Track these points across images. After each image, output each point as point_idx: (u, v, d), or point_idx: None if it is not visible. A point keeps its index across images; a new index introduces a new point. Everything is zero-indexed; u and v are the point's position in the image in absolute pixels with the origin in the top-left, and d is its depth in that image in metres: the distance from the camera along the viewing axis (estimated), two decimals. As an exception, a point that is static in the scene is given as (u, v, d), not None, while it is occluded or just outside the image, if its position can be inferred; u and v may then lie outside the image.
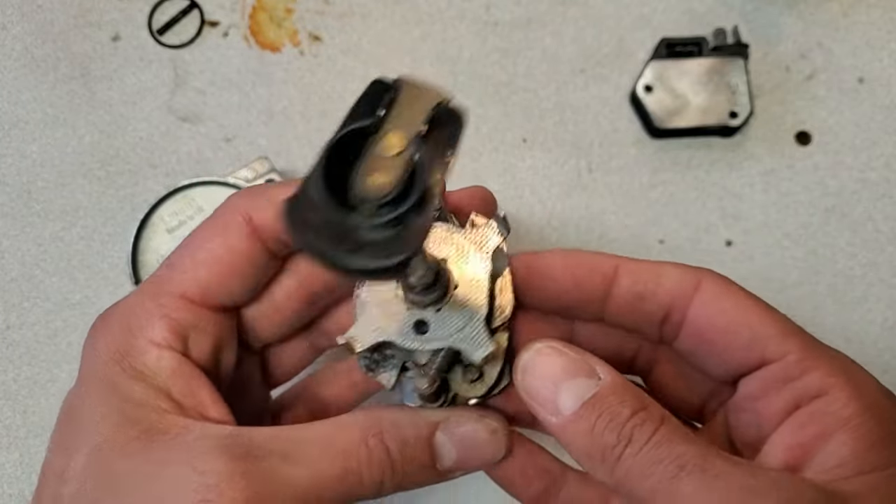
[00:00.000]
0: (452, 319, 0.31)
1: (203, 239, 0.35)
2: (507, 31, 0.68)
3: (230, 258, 0.34)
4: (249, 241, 0.34)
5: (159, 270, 0.35)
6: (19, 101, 0.67)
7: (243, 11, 0.68)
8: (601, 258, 0.34)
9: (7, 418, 0.60)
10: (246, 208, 0.35)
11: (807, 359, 0.30)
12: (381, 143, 0.24)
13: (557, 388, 0.28)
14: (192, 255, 0.35)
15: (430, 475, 0.33)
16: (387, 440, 0.32)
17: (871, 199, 0.64)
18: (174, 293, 0.34)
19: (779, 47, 0.67)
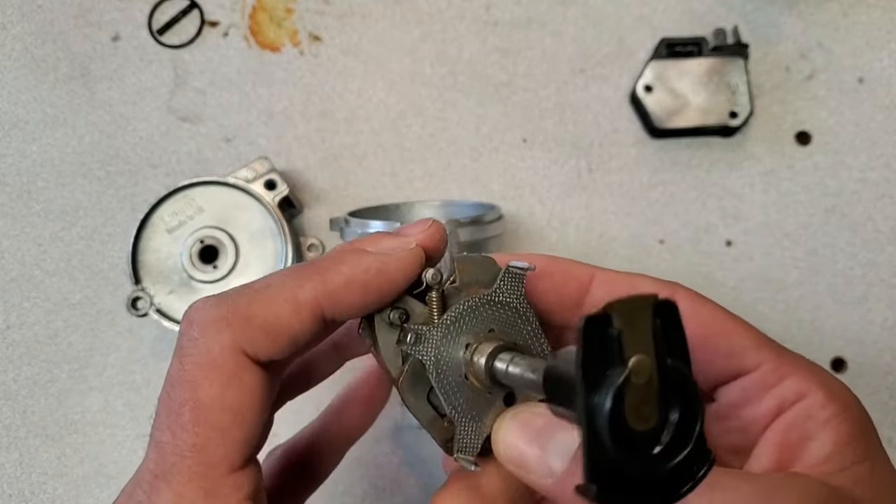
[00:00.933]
0: (478, 405, 0.31)
1: (215, 397, 0.30)
2: (507, 31, 0.68)
3: (253, 405, 0.30)
4: (258, 377, 0.30)
5: (183, 456, 0.30)
6: (19, 101, 0.67)
7: (243, 11, 0.68)
8: (578, 266, 0.33)
9: (7, 418, 0.60)
10: (237, 342, 0.30)
11: (781, 367, 0.31)
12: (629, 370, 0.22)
13: (543, 450, 0.28)
14: (214, 423, 0.30)
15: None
16: None
17: (871, 199, 0.64)
18: (225, 474, 0.30)
19: (779, 47, 0.67)
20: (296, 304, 0.30)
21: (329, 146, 0.66)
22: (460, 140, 0.66)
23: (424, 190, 0.65)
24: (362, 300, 0.31)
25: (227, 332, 0.30)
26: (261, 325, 0.30)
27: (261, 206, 0.59)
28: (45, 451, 0.60)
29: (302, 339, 0.31)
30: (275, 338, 0.30)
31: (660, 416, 0.22)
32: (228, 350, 0.30)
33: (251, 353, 0.30)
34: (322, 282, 0.31)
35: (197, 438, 0.29)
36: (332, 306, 0.30)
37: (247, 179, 0.59)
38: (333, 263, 0.31)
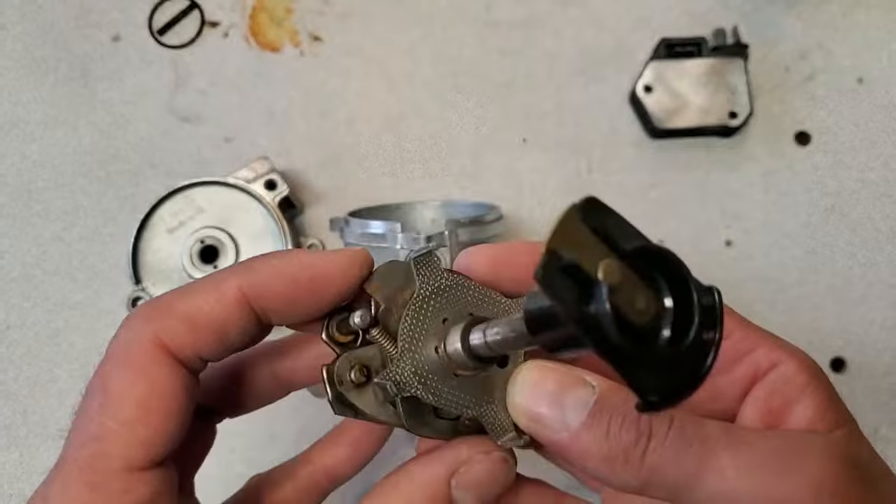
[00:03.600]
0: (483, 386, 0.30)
1: (123, 389, 0.29)
2: (507, 31, 0.68)
3: (163, 404, 0.29)
4: (176, 374, 0.29)
5: (82, 445, 0.28)
6: (19, 102, 0.67)
7: (243, 12, 0.68)
8: (528, 245, 0.33)
9: (7, 418, 0.60)
10: (155, 334, 0.29)
11: (748, 337, 0.32)
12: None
13: (559, 403, 0.28)
14: (118, 415, 0.28)
15: None
16: None
17: (871, 198, 0.64)
18: (118, 470, 0.28)
19: (778, 48, 0.67)
20: (218, 294, 0.29)
21: (329, 146, 0.66)
22: (460, 140, 0.66)
23: (424, 190, 0.65)
24: (291, 293, 0.30)
25: (147, 325, 0.29)
26: (181, 317, 0.29)
27: (261, 207, 0.59)
28: (45, 451, 0.60)
29: (231, 332, 0.30)
30: (197, 329, 0.29)
31: (655, 300, 0.22)
32: (144, 343, 0.29)
33: (173, 348, 0.29)
34: (247, 272, 0.30)
35: (97, 429, 0.28)
36: (259, 297, 0.30)
37: (247, 180, 0.59)
38: (263, 258, 0.31)
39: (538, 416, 0.28)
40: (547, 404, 0.28)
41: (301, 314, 0.31)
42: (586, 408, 0.27)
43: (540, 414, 0.28)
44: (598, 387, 0.28)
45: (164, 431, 0.28)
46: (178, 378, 0.29)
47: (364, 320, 0.30)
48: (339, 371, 0.30)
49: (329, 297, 0.31)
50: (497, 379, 0.30)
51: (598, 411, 0.27)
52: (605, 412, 0.27)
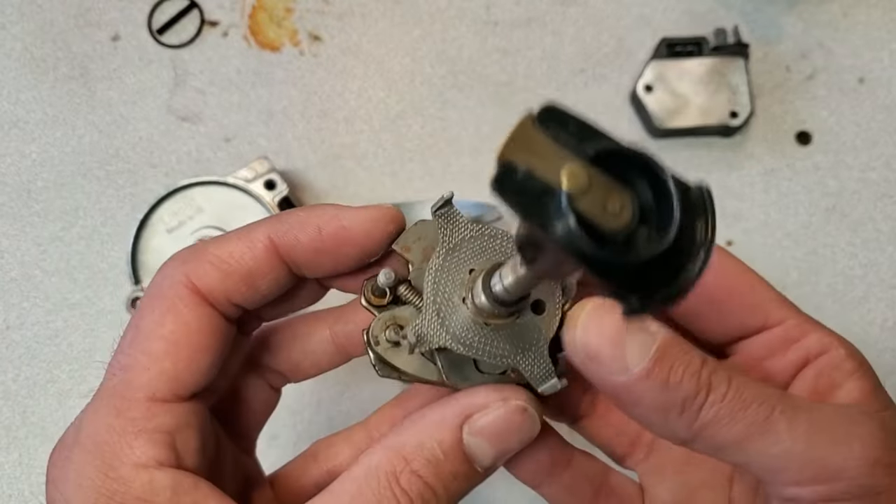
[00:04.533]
0: (520, 340, 0.30)
1: (152, 324, 0.30)
2: (507, 31, 0.68)
3: (190, 340, 0.30)
4: (205, 314, 0.31)
5: (112, 375, 0.31)
6: (19, 101, 0.66)
7: (243, 11, 0.68)
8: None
9: (6, 419, 0.60)
10: (190, 277, 0.31)
11: (803, 323, 0.32)
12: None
13: (621, 345, 0.27)
14: (146, 348, 0.30)
15: (475, 480, 0.31)
16: (418, 470, 0.29)
17: (872, 198, 0.64)
18: (141, 400, 0.30)
19: (779, 47, 0.67)
20: (249, 241, 0.31)
21: (329, 146, 0.66)
22: (460, 140, 0.66)
23: (424, 190, 0.65)
24: (317, 243, 0.31)
25: (180, 267, 0.31)
26: (213, 260, 0.30)
27: (261, 206, 0.59)
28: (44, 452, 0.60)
29: (260, 279, 0.31)
30: (227, 272, 0.30)
31: (630, 202, 0.20)
32: (176, 283, 0.30)
33: (204, 289, 0.30)
34: (277, 222, 0.31)
35: (126, 359, 0.30)
36: (287, 247, 0.31)
37: (247, 179, 0.59)
38: (294, 210, 0.32)
39: (598, 354, 0.27)
40: (608, 344, 0.27)
41: (328, 266, 0.32)
42: (648, 353, 0.27)
43: (600, 353, 0.27)
44: (660, 334, 0.27)
45: (189, 367, 0.30)
46: (206, 317, 0.30)
47: (388, 278, 0.31)
48: (373, 332, 0.31)
49: (354, 249, 0.31)
50: (533, 326, 0.30)
51: (660, 358, 0.27)
52: (667, 360, 0.27)
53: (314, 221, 0.31)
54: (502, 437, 0.31)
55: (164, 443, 0.29)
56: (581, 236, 0.19)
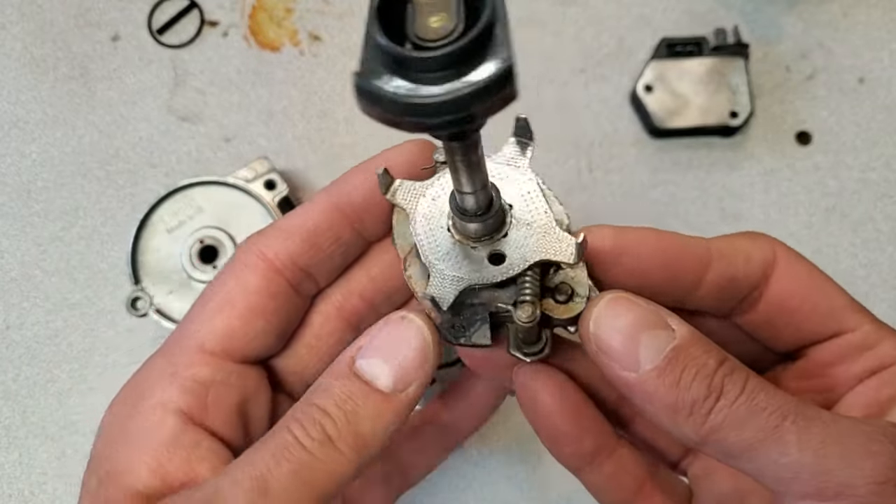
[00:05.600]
0: (523, 238, 0.29)
1: (217, 285, 0.32)
2: (508, 31, 0.68)
3: (247, 299, 0.31)
4: (266, 277, 0.31)
5: (176, 329, 0.32)
6: (19, 101, 0.66)
7: (243, 11, 0.68)
8: (692, 241, 0.32)
9: (6, 418, 0.60)
10: (257, 245, 0.32)
11: (879, 329, 0.32)
12: None
13: (635, 341, 0.26)
14: (207, 304, 0.32)
15: (381, 401, 0.29)
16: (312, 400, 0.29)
17: (872, 198, 0.64)
18: (190, 348, 0.31)
19: (779, 47, 0.67)
20: (308, 205, 0.33)
21: (329, 146, 0.66)
22: (460, 140, 0.66)
23: (424, 190, 0.64)
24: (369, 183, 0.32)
25: (251, 239, 0.33)
26: (277, 227, 0.33)
27: (261, 206, 0.59)
28: (44, 451, 0.60)
29: (321, 236, 0.32)
30: (288, 235, 0.32)
31: (453, 35, 0.20)
32: (245, 251, 0.32)
33: (270, 255, 0.32)
34: (332, 184, 0.34)
35: (189, 315, 0.32)
36: (343, 199, 0.33)
37: (247, 179, 0.59)
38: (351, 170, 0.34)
39: (609, 348, 0.27)
40: (621, 338, 0.27)
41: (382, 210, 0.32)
42: (661, 352, 0.26)
43: (612, 347, 0.27)
44: (680, 333, 0.27)
45: (243, 326, 0.31)
46: (267, 280, 0.32)
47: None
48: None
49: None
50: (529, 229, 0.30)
51: (674, 358, 0.26)
52: (681, 361, 0.26)
53: (362, 167, 0.33)
54: (390, 349, 0.29)
55: (193, 392, 0.30)
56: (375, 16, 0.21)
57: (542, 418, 0.32)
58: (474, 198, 0.27)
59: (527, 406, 0.33)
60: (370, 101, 0.20)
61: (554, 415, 0.32)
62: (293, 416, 0.28)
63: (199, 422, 0.30)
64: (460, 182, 0.27)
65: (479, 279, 0.29)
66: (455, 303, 0.29)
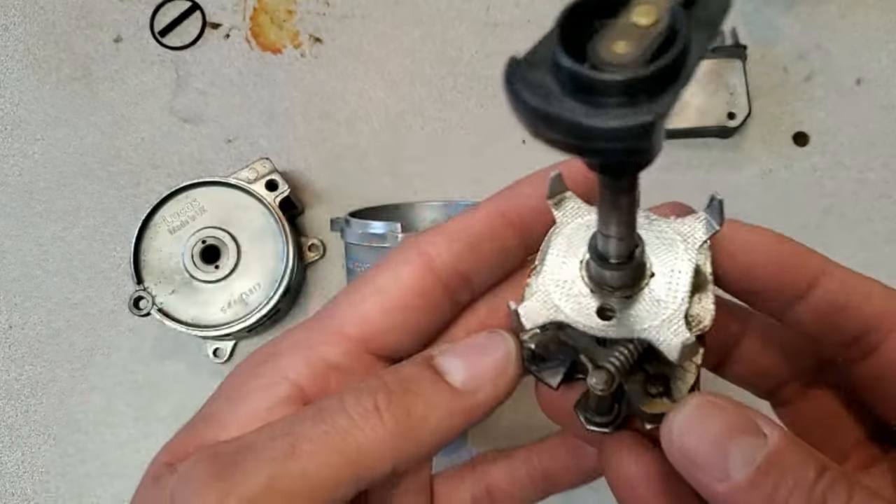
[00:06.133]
0: (644, 310, 0.26)
1: (371, 274, 0.31)
2: (507, 32, 0.68)
3: (398, 291, 0.30)
4: (420, 274, 0.30)
5: (324, 306, 0.32)
6: (21, 102, 0.67)
7: (245, 13, 0.69)
8: (811, 253, 0.30)
9: (9, 417, 0.61)
10: (421, 243, 0.31)
11: None
12: (632, 12, 0.19)
13: (724, 449, 0.24)
14: (357, 290, 0.31)
15: (450, 397, 0.28)
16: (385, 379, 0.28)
17: (869, 199, 0.64)
18: (329, 327, 0.30)
19: (777, 48, 0.67)
20: (476, 210, 0.32)
21: (330, 147, 0.66)
22: (460, 140, 0.66)
23: (424, 190, 0.65)
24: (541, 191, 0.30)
25: (415, 237, 0.31)
26: (442, 228, 0.32)
27: (262, 207, 0.59)
28: (47, 451, 0.60)
29: (484, 245, 0.31)
30: (452, 238, 0.31)
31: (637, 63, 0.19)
32: (405, 248, 0.31)
33: (432, 254, 0.31)
34: (505, 193, 0.33)
35: (336, 299, 0.31)
36: (513, 206, 0.32)
37: (248, 180, 0.59)
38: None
39: (696, 456, 0.24)
40: (709, 446, 0.24)
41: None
42: (754, 462, 0.23)
43: (698, 455, 0.24)
44: (773, 439, 0.24)
45: (385, 317, 0.30)
46: (422, 278, 0.30)
47: None
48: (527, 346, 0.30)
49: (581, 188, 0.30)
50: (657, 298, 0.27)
51: (767, 469, 0.24)
52: (775, 472, 0.24)
53: (534, 177, 0.31)
54: (471, 352, 0.29)
55: (317, 370, 0.29)
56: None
57: (625, 484, 0.29)
58: (613, 244, 0.25)
59: (611, 470, 0.30)
60: (546, 125, 0.19)
61: (638, 482, 0.29)
62: (353, 385, 0.27)
63: (311, 402, 0.29)
64: (604, 222, 0.25)
65: (575, 322, 0.26)
66: (543, 333, 0.28)
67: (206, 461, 0.26)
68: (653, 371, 0.28)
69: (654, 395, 0.28)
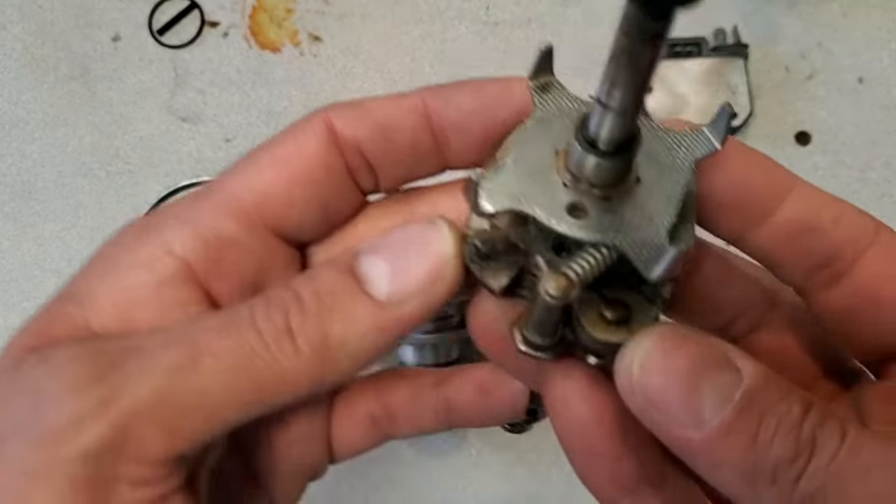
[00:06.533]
0: (624, 216, 0.22)
1: (270, 142, 0.28)
2: (507, 32, 0.68)
3: (301, 162, 0.26)
4: (327, 147, 0.27)
5: (213, 178, 0.28)
6: (20, 101, 0.67)
7: (243, 12, 0.68)
8: (777, 167, 0.26)
9: (7, 418, 0.60)
10: (330, 114, 0.28)
11: None
12: None
13: (694, 389, 0.20)
14: (251, 158, 0.27)
15: (364, 313, 0.24)
16: (293, 286, 0.24)
17: (871, 198, 0.64)
18: (219, 199, 0.26)
19: (778, 47, 0.67)
20: (401, 97, 0.28)
21: (329, 146, 0.66)
22: (460, 140, 0.66)
23: (424, 190, 0.65)
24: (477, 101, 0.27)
25: (324, 108, 0.29)
26: (355, 102, 0.29)
27: (261, 206, 0.59)
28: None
29: (398, 133, 0.27)
30: (364, 114, 0.28)
31: None
32: (311, 117, 0.28)
33: (337, 126, 0.28)
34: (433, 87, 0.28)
35: (229, 167, 0.29)
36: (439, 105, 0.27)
37: (247, 179, 0.59)
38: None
39: (662, 401, 0.20)
40: (677, 386, 0.20)
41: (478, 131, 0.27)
42: (729, 402, 0.20)
43: (665, 399, 0.20)
44: (748, 373, 0.20)
45: (285, 189, 0.26)
46: (326, 151, 0.27)
47: None
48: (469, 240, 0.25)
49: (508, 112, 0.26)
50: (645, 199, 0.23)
51: (746, 409, 0.20)
52: (755, 411, 0.20)
53: (473, 84, 0.27)
54: (400, 250, 0.24)
55: (208, 244, 0.25)
56: None
57: (574, 429, 0.25)
58: (610, 120, 0.21)
59: (556, 411, 0.25)
60: None
61: (591, 427, 0.24)
62: (265, 295, 0.24)
63: (202, 281, 0.26)
64: (610, 86, 0.21)
65: (540, 215, 0.22)
66: (493, 230, 0.24)
67: (86, 358, 0.23)
68: (611, 296, 0.24)
69: (611, 321, 0.23)
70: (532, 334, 0.24)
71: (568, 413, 0.24)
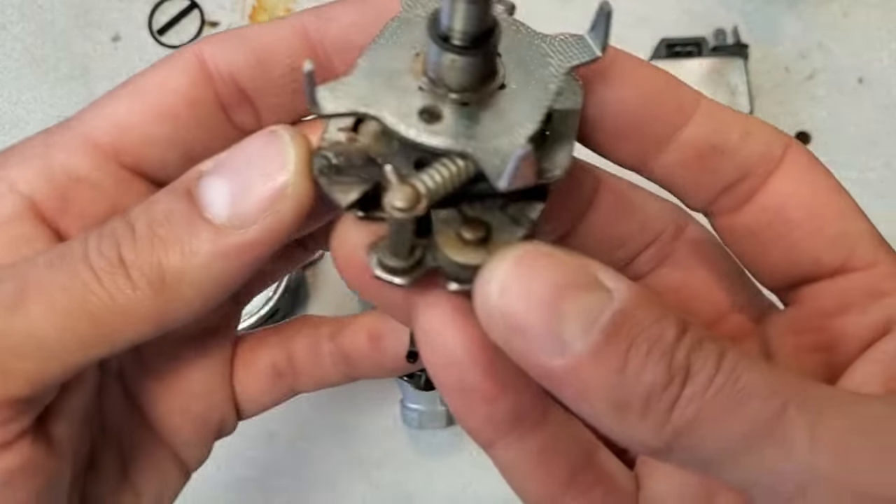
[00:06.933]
0: (481, 124, 0.21)
1: (133, 77, 0.26)
2: (507, 32, 0.68)
3: (161, 96, 0.25)
4: (193, 80, 0.25)
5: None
6: (19, 101, 0.67)
7: (243, 11, 0.68)
8: (683, 88, 0.24)
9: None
10: (202, 45, 0.25)
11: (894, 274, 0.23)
12: None
13: (556, 311, 0.18)
14: (114, 93, 0.26)
15: (202, 240, 0.22)
16: (128, 215, 0.22)
17: (871, 198, 0.64)
18: (71, 135, 0.25)
19: (778, 47, 0.67)
20: (276, 21, 0.26)
21: (329, 146, 0.66)
22: (460, 140, 0.66)
23: (424, 190, 0.65)
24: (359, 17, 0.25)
25: (199, 41, 0.27)
26: (231, 33, 0.26)
27: (261, 206, 0.59)
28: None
29: (275, 58, 0.26)
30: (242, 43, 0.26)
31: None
32: (183, 50, 0.27)
33: (208, 57, 0.26)
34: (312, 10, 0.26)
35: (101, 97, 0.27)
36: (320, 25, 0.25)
37: (247, 179, 0.59)
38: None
39: (523, 325, 0.18)
40: (536, 308, 0.18)
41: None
42: (596, 324, 0.18)
43: (526, 324, 0.18)
44: (620, 294, 0.19)
45: (142, 122, 0.25)
46: (192, 84, 0.25)
47: None
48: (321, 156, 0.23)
49: None
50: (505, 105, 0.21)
51: (614, 333, 0.18)
52: (625, 334, 0.18)
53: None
54: (240, 168, 0.22)
55: (55, 182, 0.24)
56: None
57: (444, 363, 0.22)
58: (462, 7, 0.19)
59: (425, 344, 0.22)
60: None
61: (462, 360, 0.22)
62: (101, 227, 0.22)
63: (50, 221, 0.24)
64: None
65: (387, 119, 0.20)
66: (349, 143, 0.22)
67: None
68: (473, 215, 0.22)
69: (469, 242, 0.21)
70: (387, 257, 0.21)
71: (434, 346, 0.22)
